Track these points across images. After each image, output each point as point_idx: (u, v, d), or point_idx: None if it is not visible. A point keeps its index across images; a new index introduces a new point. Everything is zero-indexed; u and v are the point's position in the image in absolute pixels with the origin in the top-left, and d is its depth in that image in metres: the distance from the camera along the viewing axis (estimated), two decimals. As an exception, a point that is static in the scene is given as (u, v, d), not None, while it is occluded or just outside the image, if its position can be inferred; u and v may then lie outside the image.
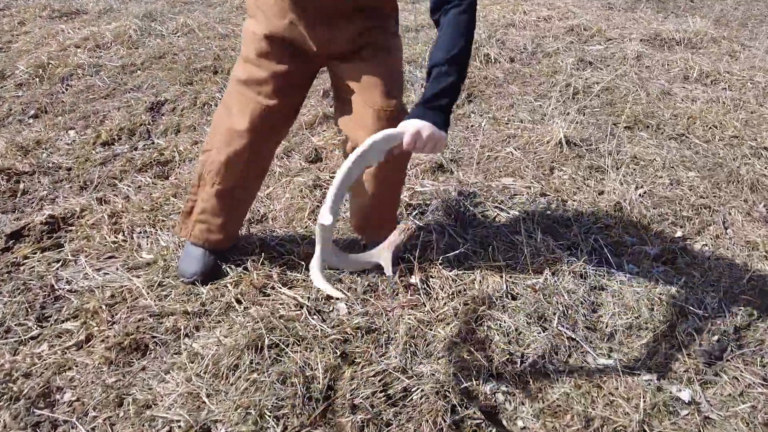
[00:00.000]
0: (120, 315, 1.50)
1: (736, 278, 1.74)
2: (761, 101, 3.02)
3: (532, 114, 2.70)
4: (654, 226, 1.95)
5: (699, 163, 2.37)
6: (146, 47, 3.50)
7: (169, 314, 1.50)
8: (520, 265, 1.71)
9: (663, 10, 4.82)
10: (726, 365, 1.43)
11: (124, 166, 2.25)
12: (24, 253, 1.75)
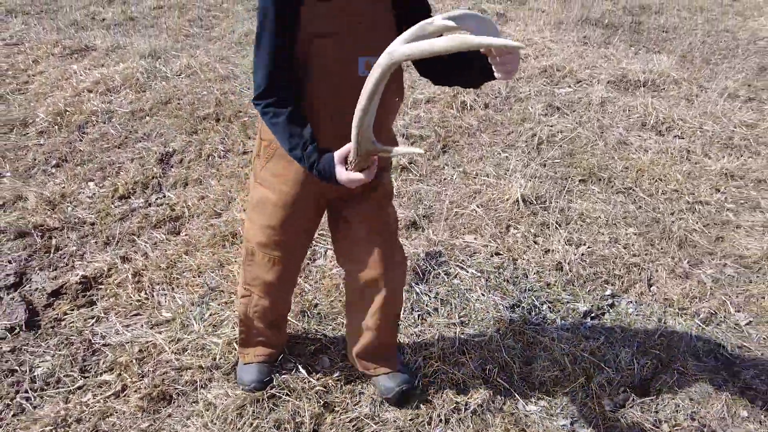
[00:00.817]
0: (148, 368, 1.88)
1: (650, 334, 2.12)
2: (707, 150, 3.40)
3: (497, 168, 3.07)
4: (588, 284, 2.33)
5: (639, 219, 2.75)
6: (153, 90, 3.85)
7: (187, 368, 1.87)
8: (471, 323, 2.09)
9: (636, 43, 5.18)
10: (627, 412, 1.82)
11: (140, 222, 2.61)
12: (63, 310, 2.12)
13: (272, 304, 1.70)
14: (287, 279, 1.68)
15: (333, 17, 1.29)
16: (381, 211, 1.58)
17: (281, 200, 1.50)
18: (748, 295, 2.35)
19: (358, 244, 1.58)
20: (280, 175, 1.49)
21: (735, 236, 2.69)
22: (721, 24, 5.90)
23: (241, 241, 2.50)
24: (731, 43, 5.37)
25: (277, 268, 1.61)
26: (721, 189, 3.03)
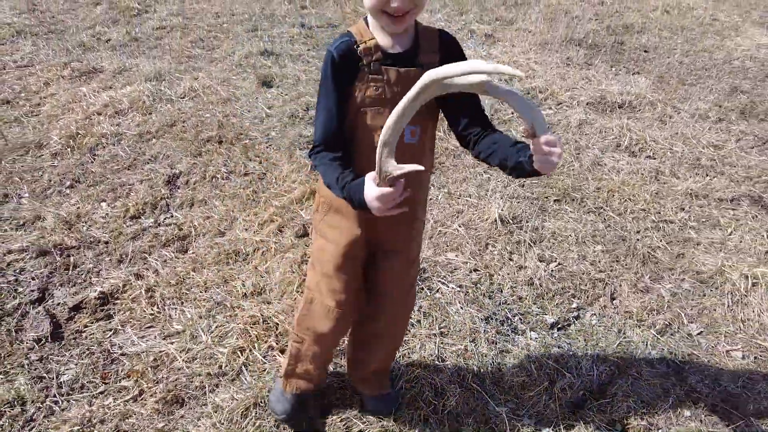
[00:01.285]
0: (161, 375, 2.12)
1: (610, 342, 2.38)
2: (675, 171, 3.66)
3: (479, 189, 3.32)
4: (556, 297, 2.58)
5: (607, 237, 3.01)
6: (159, 113, 4.09)
7: (196, 375, 2.12)
8: (450, 333, 2.34)
9: (617, 63, 5.46)
10: (584, 413, 2.07)
11: (151, 241, 2.85)
12: (84, 323, 2.37)
13: (322, 350, 1.83)
14: (339, 330, 1.78)
15: (383, 89, 1.43)
16: (408, 270, 1.74)
17: (337, 249, 1.63)
18: (701, 307, 2.60)
19: (379, 294, 1.75)
20: (336, 227, 1.63)
21: (694, 253, 2.94)
22: (699, 44, 6.18)
23: (243, 258, 2.75)
24: (708, 63, 5.64)
25: (332, 316, 1.70)
26: (685, 208, 3.29)
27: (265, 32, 5.82)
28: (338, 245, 1.64)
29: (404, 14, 1.35)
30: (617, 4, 7.32)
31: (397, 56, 1.44)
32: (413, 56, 1.45)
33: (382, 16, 1.36)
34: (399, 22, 1.36)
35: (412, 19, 1.41)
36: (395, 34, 1.43)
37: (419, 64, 1.43)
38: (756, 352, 2.39)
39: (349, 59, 1.42)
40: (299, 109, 4.17)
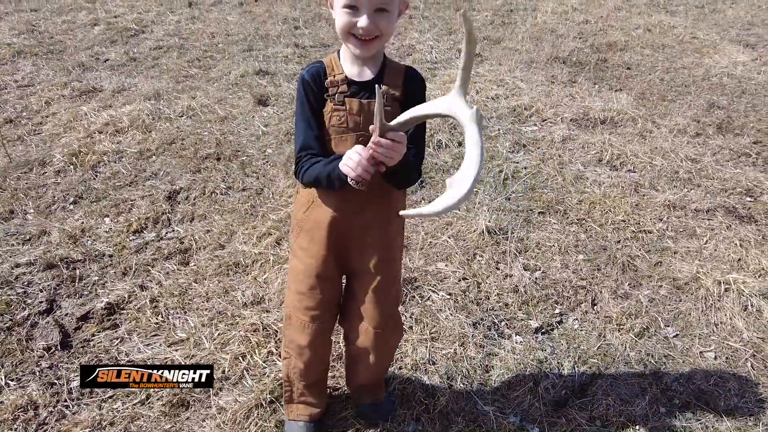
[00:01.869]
0: (167, 380, 2.24)
1: (591, 345, 2.52)
2: (655, 183, 3.84)
3: (467, 202, 3.48)
4: (540, 304, 2.73)
5: (589, 247, 3.16)
6: (158, 131, 4.24)
7: (200, 379, 2.24)
8: (440, 338, 2.48)
9: (600, 81, 5.66)
10: (566, 411, 2.20)
11: (154, 254, 2.98)
12: (92, 332, 2.49)
13: (307, 365, 1.90)
14: (318, 344, 1.86)
15: (345, 119, 1.55)
16: (386, 291, 1.80)
17: (308, 270, 1.75)
18: (677, 312, 2.76)
19: (358, 315, 1.84)
20: (305, 249, 1.74)
21: (672, 261, 3.10)
22: (679, 61, 6.41)
23: (243, 269, 2.89)
24: (687, 80, 5.86)
25: (308, 331, 1.81)
26: (663, 219, 3.46)
27: (260, 52, 6.00)
28: (308, 266, 1.76)
29: (371, 39, 1.47)
30: (601, 22, 7.57)
31: (362, 84, 1.57)
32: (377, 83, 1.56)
33: (351, 39, 1.48)
34: (366, 46, 1.48)
35: (379, 45, 1.52)
36: (363, 60, 1.56)
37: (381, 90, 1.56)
38: (727, 352, 2.54)
39: (318, 84, 1.57)
40: (294, 127, 4.32)
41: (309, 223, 1.71)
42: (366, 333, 1.85)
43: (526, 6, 8.18)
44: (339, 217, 1.67)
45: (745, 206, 3.62)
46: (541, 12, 7.83)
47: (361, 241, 1.72)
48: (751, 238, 3.29)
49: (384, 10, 1.44)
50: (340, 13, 1.45)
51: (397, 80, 1.59)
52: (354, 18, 1.44)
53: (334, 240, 1.71)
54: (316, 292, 1.78)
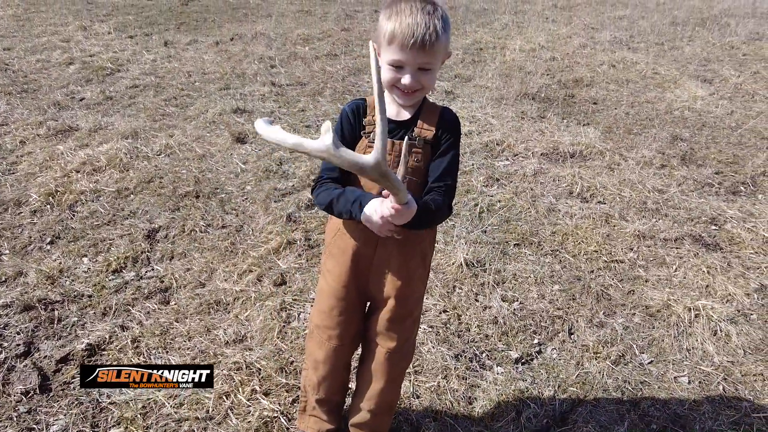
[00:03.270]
0: (151, 421, 2.22)
1: (570, 374, 2.58)
2: (624, 214, 3.97)
3: (446, 235, 3.56)
4: (519, 334, 2.79)
5: (563, 277, 3.25)
6: (136, 170, 4.25)
7: (185, 419, 2.22)
8: (423, 371, 2.51)
9: (568, 116, 5.87)
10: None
11: (134, 294, 2.97)
12: (72, 374, 2.45)
13: (320, 380, 1.95)
14: (334, 363, 1.91)
15: None
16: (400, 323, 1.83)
17: (331, 291, 1.81)
18: (650, 339, 2.84)
19: (374, 341, 1.88)
20: (330, 271, 1.81)
21: (644, 289, 3.21)
22: (643, 96, 6.69)
23: (224, 307, 2.89)
24: (651, 114, 6.11)
25: (326, 348, 1.88)
26: (634, 248, 3.58)
27: (237, 90, 6.08)
28: (331, 287, 1.83)
29: (413, 91, 1.58)
30: (567, 59, 7.88)
31: (398, 123, 1.67)
32: (412, 126, 1.66)
33: (395, 90, 1.60)
34: (408, 96, 1.60)
35: (420, 96, 1.64)
36: (403, 105, 1.67)
37: (411, 137, 1.64)
38: (700, 377, 2.62)
39: (356, 119, 1.68)
40: (273, 164, 4.39)
41: (335, 249, 1.79)
42: (378, 355, 1.88)
43: (495, 44, 8.47)
44: (361, 246, 1.74)
45: (710, 234, 3.77)
46: (510, 50, 8.12)
47: (381, 271, 1.78)
48: (717, 265, 3.42)
49: (426, 69, 1.55)
50: (386, 69, 1.56)
51: (431, 122, 1.66)
52: (398, 75, 1.55)
53: (355, 268, 1.78)
54: (335, 314, 1.84)
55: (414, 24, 1.47)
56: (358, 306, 1.88)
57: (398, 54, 1.51)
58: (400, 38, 1.48)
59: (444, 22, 1.53)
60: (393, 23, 1.49)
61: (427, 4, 1.51)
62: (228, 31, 8.63)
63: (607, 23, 10.48)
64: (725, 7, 12.63)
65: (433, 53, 1.52)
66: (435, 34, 1.49)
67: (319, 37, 8.48)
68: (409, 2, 1.51)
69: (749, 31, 9.76)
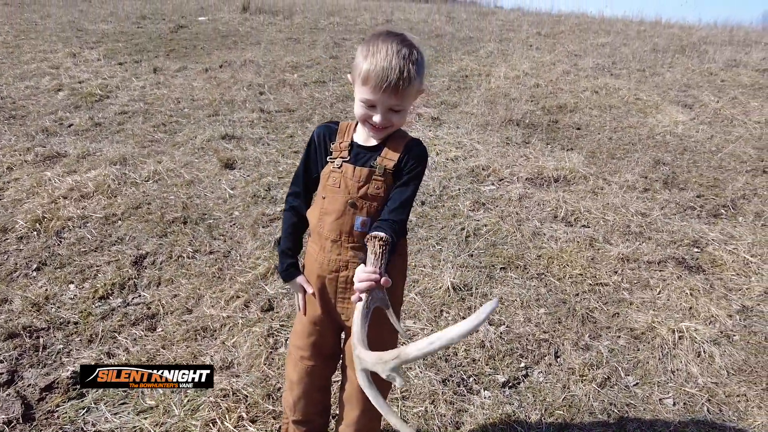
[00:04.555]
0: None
1: (556, 397, 2.60)
2: (608, 238, 4.03)
3: (432, 259, 3.59)
4: (506, 358, 2.81)
5: (549, 300, 3.29)
6: (124, 196, 4.25)
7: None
8: (411, 397, 2.52)
9: (552, 141, 5.97)
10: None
11: (120, 321, 2.96)
12: (56, 402, 2.43)
13: (295, 401, 1.95)
14: (308, 383, 1.92)
15: (340, 181, 1.68)
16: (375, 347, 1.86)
17: (307, 316, 1.86)
18: (635, 361, 2.87)
19: (349, 365, 1.88)
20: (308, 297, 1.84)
21: (628, 312, 3.25)
22: (625, 121, 6.82)
23: (211, 334, 2.89)
24: (634, 138, 6.23)
25: (299, 368, 1.89)
26: (618, 271, 3.63)
27: (226, 117, 6.13)
28: (308, 313, 1.86)
29: (384, 127, 1.64)
30: (551, 86, 8.03)
31: (365, 148, 1.72)
32: (378, 152, 1.70)
33: (366, 125, 1.66)
34: (379, 132, 1.66)
35: (391, 131, 1.70)
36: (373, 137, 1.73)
37: (373, 165, 1.68)
38: (684, 398, 2.65)
39: (323, 144, 1.76)
40: (261, 190, 4.41)
41: (306, 271, 1.84)
42: (352, 382, 1.86)
43: (480, 72, 8.62)
44: (324, 273, 1.77)
45: (693, 257, 3.83)
46: (495, 77, 8.27)
47: (347, 297, 1.78)
48: (700, 287, 3.47)
49: (397, 110, 1.62)
50: (359, 105, 1.62)
51: (396, 150, 1.70)
52: (370, 112, 1.61)
53: (322, 293, 1.80)
54: (306, 335, 1.87)
55: (388, 68, 1.51)
56: (329, 328, 1.88)
57: (371, 95, 1.56)
58: (374, 80, 1.53)
59: (418, 66, 1.58)
60: (368, 64, 1.54)
61: (403, 47, 1.55)
62: (217, 58, 8.72)
63: (590, 50, 10.71)
64: (703, 35, 12.97)
65: (405, 96, 1.58)
66: (408, 80, 1.54)
67: (307, 64, 8.59)
68: (386, 42, 1.55)
69: (727, 58, 10.02)
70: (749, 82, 8.58)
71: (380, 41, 1.56)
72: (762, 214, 4.50)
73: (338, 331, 1.93)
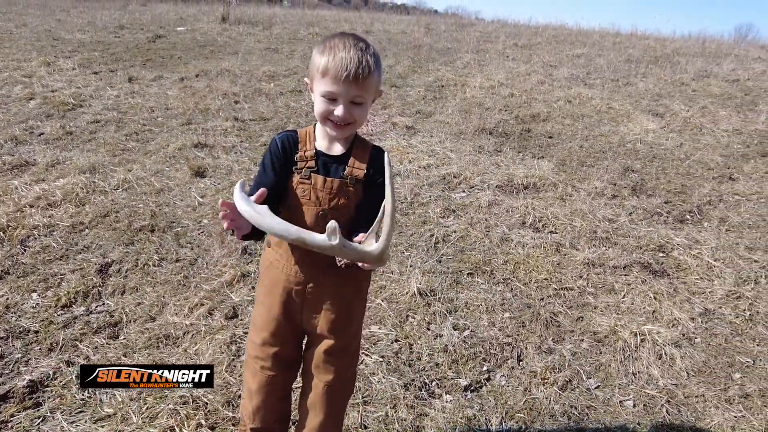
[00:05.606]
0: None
1: (518, 400, 2.62)
2: (575, 243, 4.08)
3: (401, 266, 3.60)
4: (469, 362, 2.83)
5: (514, 305, 3.32)
6: (92, 204, 4.22)
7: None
8: (372, 402, 2.52)
9: (524, 149, 6.04)
10: (493, 466, 2.27)
11: (82, 329, 2.92)
12: (10, 413, 2.39)
13: (254, 410, 1.89)
14: (268, 392, 1.87)
15: (309, 192, 1.68)
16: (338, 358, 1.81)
17: (263, 323, 1.80)
18: (597, 364, 2.91)
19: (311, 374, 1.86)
20: (263, 303, 1.80)
21: (592, 315, 3.29)
22: (597, 129, 6.93)
23: (174, 341, 2.87)
24: (604, 146, 6.33)
25: (259, 377, 1.84)
26: (583, 276, 3.67)
27: (199, 125, 6.12)
28: (263, 319, 1.82)
29: (346, 124, 1.63)
30: (525, 95, 8.13)
31: (331, 157, 1.71)
32: (344, 162, 1.70)
33: (328, 123, 1.64)
34: (341, 129, 1.64)
35: (352, 129, 1.68)
36: (335, 138, 1.71)
37: (343, 176, 1.68)
38: (645, 400, 2.68)
39: (287, 153, 1.71)
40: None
41: (267, 280, 1.80)
42: (316, 388, 1.85)
43: (456, 82, 8.70)
44: (292, 283, 1.74)
45: (658, 261, 3.90)
46: (470, 87, 8.35)
47: (315, 308, 1.77)
48: (664, 291, 3.53)
49: (358, 102, 1.60)
50: (319, 101, 1.61)
51: (363, 159, 1.71)
52: (331, 107, 1.59)
53: (286, 303, 1.77)
54: (267, 346, 1.83)
55: (347, 58, 1.54)
56: (291, 338, 1.87)
57: (331, 86, 1.56)
58: (333, 71, 1.54)
59: (376, 59, 1.61)
60: (327, 57, 1.56)
61: (359, 41, 1.59)
62: (194, 67, 8.71)
63: (565, 61, 10.88)
64: (677, 47, 13.23)
65: (366, 87, 1.59)
66: (368, 68, 1.55)
67: (284, 74, 8.61)
68: (342, 39, 1.58)
69: (698, 69, 10.23)
70: (719, 92, 8.76)
71: (336, 39, 1.59)
72: (726, 219, 4.60)
73: (300, 340, 1.92)
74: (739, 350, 3.07)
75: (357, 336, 1.91)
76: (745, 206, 4.87)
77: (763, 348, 3.09)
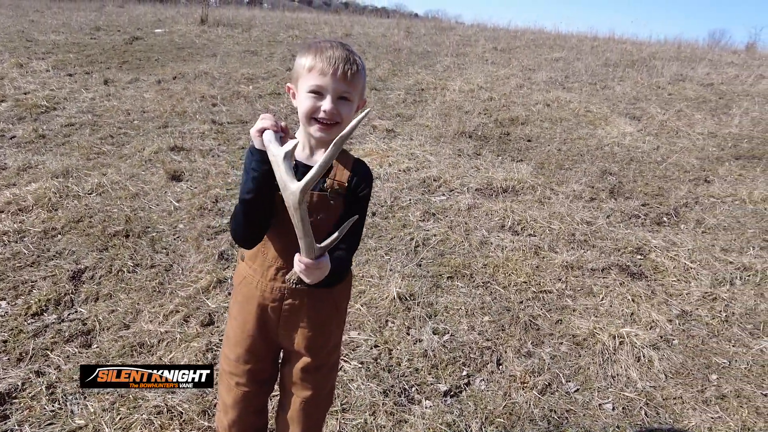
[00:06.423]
0: (60, 472, 2.11)
1: (498, 405, 2.61)
2: (553, 246, 4.10)
3: (380, 270, 3.58)
4: (449, 367, 2.81)
5: (493, 308, 3.31)
6: (65, 209, 4.12)
7: (97, 469, 2.12)
8: (351, 409, 2.49)
9: (503, 153, 6.06)
10: (473, 472, 2.25)
11: (54, 338, 2.85)
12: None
13: (230, 424, 1.85)
14: (243, 407, 1.82)
15: None
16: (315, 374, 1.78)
17: (237, 340, 1.75)
18: (576, 367, 2.91)
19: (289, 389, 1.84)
20: (236, 318, 1.74)
21: (571, 318, 3.29)
22: (575, 133, 6.98)
23: (148, 349, 2.81)
24: (582, 149, 6.38)
25: (234, 393, 1.79)
26: (562, 279, 3.68)
27: (176, 129, 6.03)
28: (237, 336, 1.76)
29: (332, 124, 1.56)
30: (504, 99, 8.17)
31: (309, 168, 1.57)
32: (325, 174, 1.62)
33: (313, 123, 1.57)
34: (327, 130, 1.56)
35: (338, 131, 1.55)
36: (317, 145, 1.63)
37: (324, 189, 1.62)
38: (623, 402, 2.69)
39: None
40: (208, 202, 4.34)
41: (240, 296, 1.74)
42: (294, 404, 1.82)
43: (436, 85, 8.72)
44: (267, 300, 1.69)
45: (636, 264, 3.93)
46: (450, 91, 8.38)
47: (291, 325, 1.72)
48: (642, 293, 3.56)
49: (346, 99, 1.55)
50: (305, 98, 1.54)
51: (345, 171, 1.65)
52: (318, 102, 1.53)
53: (261, 320, 1.71)
54: (241, 362, 1.77)
55: (336, 55, 1.51)
56: (267, 355, 1.82)
57: (319, 80, 1.52)
58: (321, 65, 1.51)
59: (362, 62, 1.58)
60: (314, 55, 1.52)
61: (343, 44, 1.56)
62: (171, 70, 8.60)
63: (544, 65, 10.97)
64: (653, 51, 13.43)
65: (354, 84, 1.55)
66: (356, 65, 1.53)
67: (263, 76, 8.54)
68: (327, 41, 1.55)
69: (674, 73, 10.39)
70: (694, 96, 8.90)
71: (320, 42, 1.56)
72: (703, 221, 4.65)
73: (276, 356, 1.87)
74: (716, 351, 3.10)
75: (335, 351, 1.87)
76: (720, 208, 4.94)
77: (739, 349, 3.12)
